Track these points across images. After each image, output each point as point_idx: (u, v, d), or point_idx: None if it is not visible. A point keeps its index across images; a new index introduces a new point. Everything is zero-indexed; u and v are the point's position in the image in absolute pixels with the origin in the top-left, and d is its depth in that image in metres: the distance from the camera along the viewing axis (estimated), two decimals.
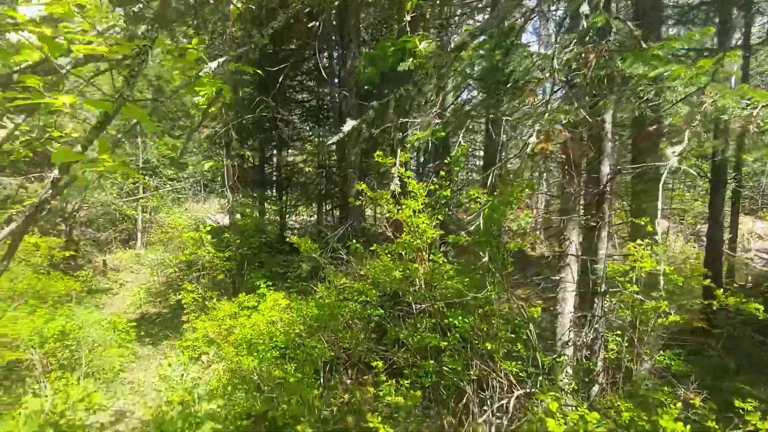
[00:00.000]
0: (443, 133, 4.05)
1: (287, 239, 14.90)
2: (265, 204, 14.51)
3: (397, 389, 4.54)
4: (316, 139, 14.99)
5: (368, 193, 4.84)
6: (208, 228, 9.10)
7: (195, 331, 7.74)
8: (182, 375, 8.19)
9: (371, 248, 5.20)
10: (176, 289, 10.48)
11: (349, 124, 3.32)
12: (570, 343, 5.72)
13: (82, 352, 7.44)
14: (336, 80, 12.78)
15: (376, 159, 4.73)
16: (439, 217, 5.02)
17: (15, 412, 6.26)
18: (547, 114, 3.45)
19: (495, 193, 4.69)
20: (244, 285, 9.85)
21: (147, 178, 18.63)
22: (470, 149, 17.65)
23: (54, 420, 6.06)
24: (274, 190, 16.19)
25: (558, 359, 5.15)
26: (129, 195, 20.43)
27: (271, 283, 7.97)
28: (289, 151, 18.80)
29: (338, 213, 14.71)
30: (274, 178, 16.37)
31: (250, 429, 5.61)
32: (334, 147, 14.56)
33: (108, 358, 8.05)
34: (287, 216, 16.66)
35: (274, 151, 16.46)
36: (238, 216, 12.13)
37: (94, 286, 15.69)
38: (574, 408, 4.50)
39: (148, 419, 6.58)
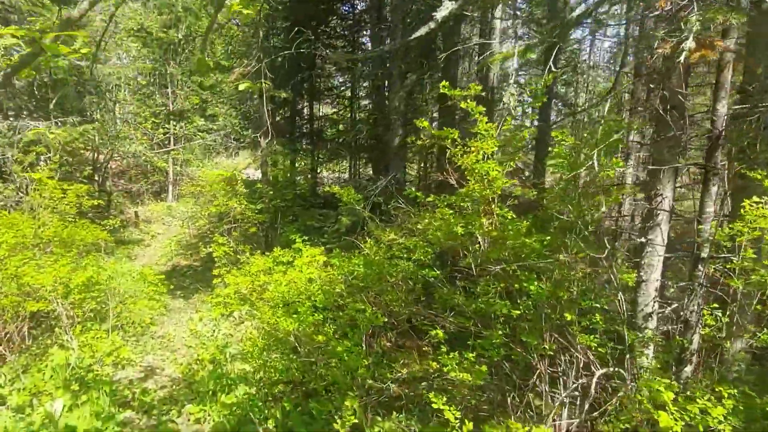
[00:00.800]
0: (533, 54, 3.21)
1: (320, 193, 14.34)
2: (297, 157, 13.86)
3: (460, 362, 3.89)
4: (358, 80, 13.98)
5: (433, 132, 4.05)
6: (243, 167, 8.43)
7: (226, 286, 7.27)
8: (213, 331, 7.81)
9: (428, 199, 4.46)
10: (207, 241, 10.07)
11: (447, 7, 2.53)
12: (654, 316, 4.97)
13: (111, 304, 7.07)
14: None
15: (441, 91, 3.91)
16: (511, 164, 4.22)
17: (42, 365, 5.96)
18: (696, 16, 2.56)
19: (585, 136, 3.85)
20: (277, 239, 9.32)
21: (176, 125, 18.20)
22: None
23: (80, 374, 5.71)
24: (305, 143, 15.52)
25: (646, 335, 4.41)
26: (160, 146, 20.13)
27: (306, 238, 7.37)
28: (321, 107, 17.93)
29: (372, 167, 13.93)
30: (305, 131, 15.66)
31: (286, 395, 5.13)
32: (371, 99, 13.65)
33: (138, 311, 7.71)
34: (319, 170, 16.03)
35: (306, 104, 15.70)
36: (270, 169, 11.52)
37: (127, 237, 15.58)
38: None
39: (178, 377, 6.21)
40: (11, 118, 9.90)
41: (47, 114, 11.58)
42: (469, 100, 3.88)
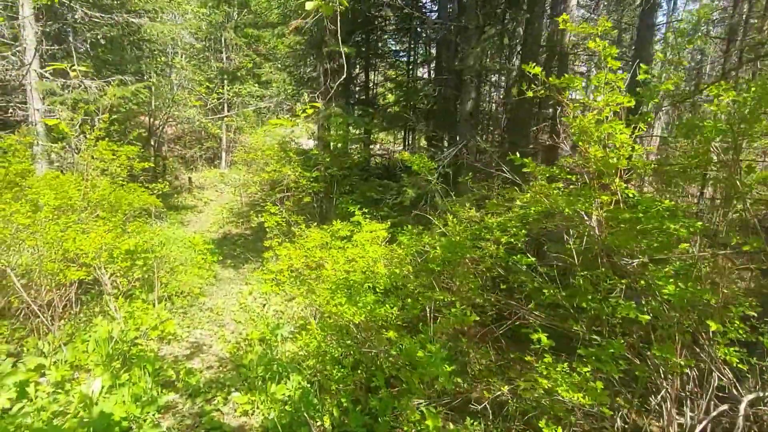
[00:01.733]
0: None
1: (373, 164, 13.57)
2: (353, 122, 13.09)
3: (570, 376, 3.06)
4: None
5: (549, 81, 3.11)
6: (303, 114, 7.61)
7: (278, 260, 6.68)
8: (264, 306, 7.33)
9: (528, 169, 3.57)
10: (259, 210, 9.58)
11: None
12: None
13: (156, 274, 6.65)
14: None
15: (561, 26, 2.98)
16: (642, 127, 3.26)
17: (85, 335, 5.61)
18: None
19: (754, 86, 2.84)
20: (333, 210, 8.66)
21: (230, 89, 17.96)
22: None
23: (123, 349, 5.30)
24: (359, 111, 14.75)
25: None
26: (213, 112, 19.96)
27: (366, 210, 6.63)
28: (376, 75, 17.06)
29: (427, 137, 12.95)
30: (361, 97, 14.86)
31: (343, 389, 4.47)
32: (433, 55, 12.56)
33: (187, 281, 7.31)
34: (374, 141, 15.27)
35: (361, 70, 14.87)
36: (326, 134, 10.78)
37: (180, 203, 15.50)
38: None
39: (226, 356, 5.73)
40: (65, 78, 9.60)
41: (103, 75, 11.36)
42: (598, 39, 2.93)
